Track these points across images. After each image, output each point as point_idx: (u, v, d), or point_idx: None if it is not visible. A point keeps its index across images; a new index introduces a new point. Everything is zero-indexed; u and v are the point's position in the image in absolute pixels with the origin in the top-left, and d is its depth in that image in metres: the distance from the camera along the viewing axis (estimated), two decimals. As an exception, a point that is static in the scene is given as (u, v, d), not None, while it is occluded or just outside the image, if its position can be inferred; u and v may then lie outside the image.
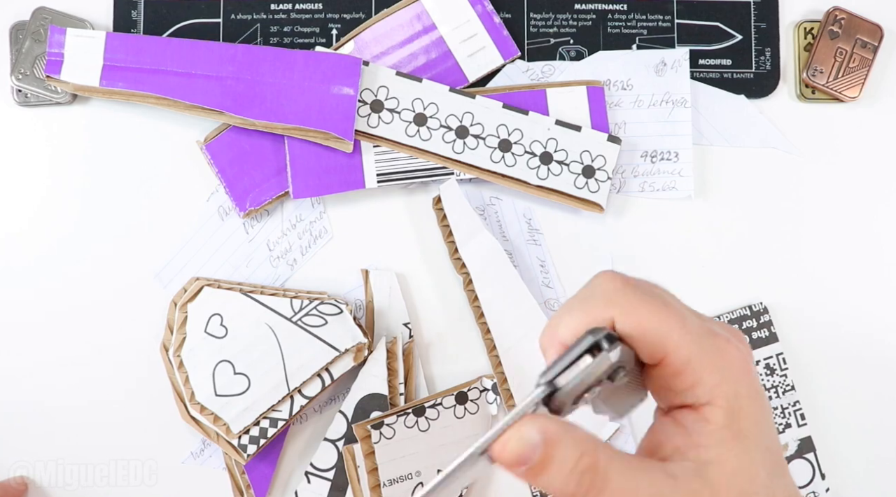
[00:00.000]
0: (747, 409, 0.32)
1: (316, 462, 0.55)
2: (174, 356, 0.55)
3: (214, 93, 0.55)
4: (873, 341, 0.59)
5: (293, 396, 0.54)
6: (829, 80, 0.59)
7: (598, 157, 0.57)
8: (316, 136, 0.56)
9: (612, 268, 0.58)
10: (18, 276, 0.57)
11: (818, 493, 0.57)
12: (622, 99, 0.59)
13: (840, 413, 0.58)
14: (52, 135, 0.58)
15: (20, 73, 0.57)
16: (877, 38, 0.59)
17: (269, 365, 0.54)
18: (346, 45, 0.58)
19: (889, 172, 0.60)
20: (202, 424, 0.54)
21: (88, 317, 0.57)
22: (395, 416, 0.54)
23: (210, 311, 0.55)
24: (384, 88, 0.57)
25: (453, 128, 0.57)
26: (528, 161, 0.57)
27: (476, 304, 0.57)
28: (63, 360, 0.57)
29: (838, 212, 0.60)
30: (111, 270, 0.57)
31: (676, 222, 0.59)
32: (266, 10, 0.59)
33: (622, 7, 0.60)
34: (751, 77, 0.60)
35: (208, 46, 0.56)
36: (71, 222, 0.57)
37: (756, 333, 0.58)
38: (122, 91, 0.56)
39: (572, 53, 0.60)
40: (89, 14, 0.58)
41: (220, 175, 0.57)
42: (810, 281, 0.59)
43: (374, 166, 0.57)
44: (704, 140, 0.59)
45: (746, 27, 0.60)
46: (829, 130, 0.60)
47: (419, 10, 0.58)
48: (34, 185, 0.58)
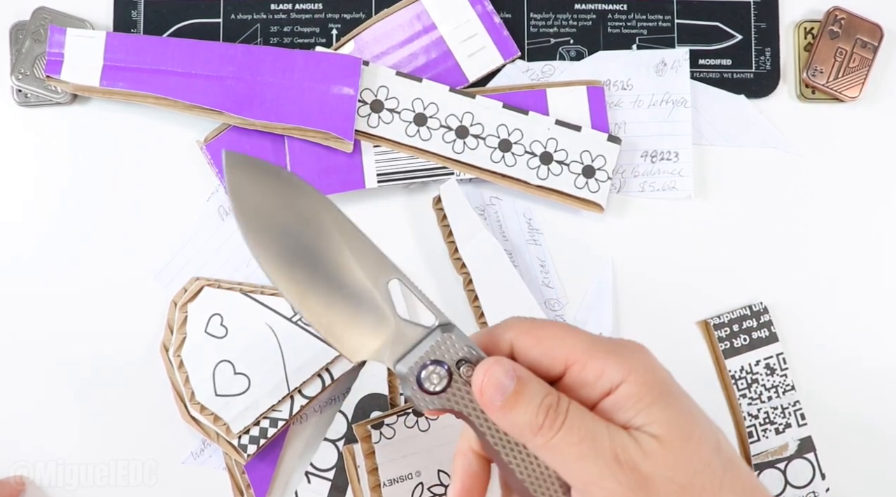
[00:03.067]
0: (659, 374, 0.36)
1: (316, 462, 0.55)
2: (174, 356, 0.55)
3: (214, 93, 0.55)
4: (873, 341, 0.59)
5: (293, 396, 0.54)
6: (829, 80, 0.59)
7: (598, 157, 0.57)
8: (316, 136, 0.56)
9: (613, 268, 0.58)
10: (18, 275, 0.57)
11: (818, 493, 0.57)
12: (622, 99, 0.59)
13: (840, 413, 0.58)
14: (53, 135, 0.58)
15: (20, 73, 0.57)
16: (877, 38, 0.59)
17: (269, 365, 0.54)
18: (346, 45, 0.58)
19: (889, 172, 0.60)
20: (202, 424, 0.54)
21: (88, 317, 0.57)
22: (395, 416, 0.54)
23: (210, 311, 0.55)
24: (384, 88, 0.57)
25: (453, 128, 0.57)
26: (528, 161, 0.57)
27: (476, 304, 0.57)
28: (63, 359, 0.57)
29: (838, 212, 0.60)
30: (111, 270, 0.57)
31: (676, 222, 0.59)
32: (266, 10, 0.59)
33: (622, 7, 0.60)
34: (751, 77, 0.60)
35: (208, 46, 0.56)
36: (70, 222, 0.57)
37: (756, 333, 0.58)
38: (122, 91, 0.56)
39: (572, 53, 0.60)
40: (89, 14, 0.58)
41: (220, 175, 0.57)
42: (810, 281, 0.59)
43: (374, 166, 0.57)
44: (704, 140, 0.59)
45: (746, 27, 0.60)
46: (829, 130, 0.60)
47: (419, 10, 0.58)
48: (34, 185, 0.58)
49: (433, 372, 0.37)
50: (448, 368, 0.37)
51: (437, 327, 0.38)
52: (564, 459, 0.34)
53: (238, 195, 0.38)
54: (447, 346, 0.37)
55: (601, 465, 0.33)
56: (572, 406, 0.35)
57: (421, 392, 0.37)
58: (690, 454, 0.34)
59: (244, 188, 0.38)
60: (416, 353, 0.37)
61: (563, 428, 0.34)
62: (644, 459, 0.33)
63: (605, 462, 0.33)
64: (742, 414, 0.57)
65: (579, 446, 0.33)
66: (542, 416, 0.34)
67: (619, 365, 0.35)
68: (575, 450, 0.34)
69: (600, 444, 0.33)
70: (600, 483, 0.33)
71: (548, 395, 0.35)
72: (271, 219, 0.38)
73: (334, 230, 0.39)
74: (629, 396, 0.35)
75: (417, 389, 0.37)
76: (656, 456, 0.33)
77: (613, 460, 0.33)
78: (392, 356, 0.38)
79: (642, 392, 0.35)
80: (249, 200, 0.38)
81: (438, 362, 0.37)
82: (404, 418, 0.54)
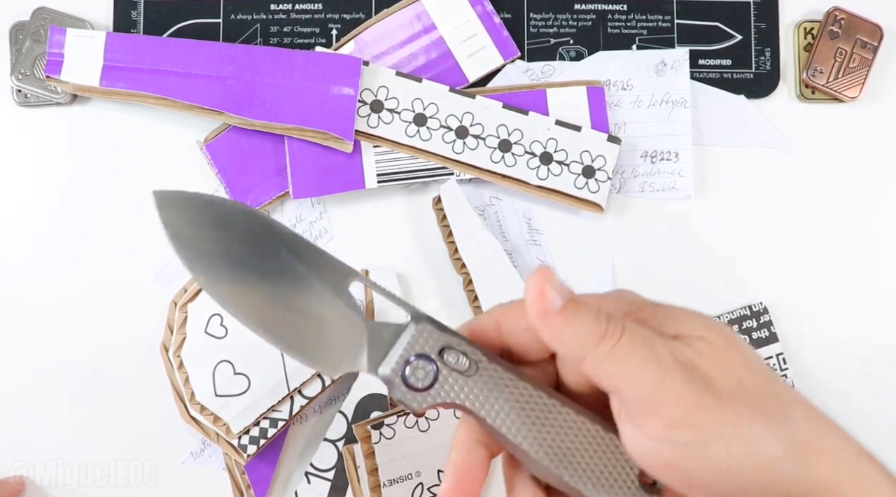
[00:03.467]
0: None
1: (316, 462, 0.55)
2: (174, 356, 0.55)
3: (214, 93, 0.55)
4: (873, 341, 0.59)
5: (293, 396, 0.54)
6: (828, 80, 0.59)
7: (598, 158, 0.57)
8: (316, 136, 0.56)
9: (612, 268, 0.58)
10: (18, 275, 0.57)
11: (818, 493, 0.57)
12: (622, 99, 0.59)
13: (840, 413, 0.58)
14: (53, 135, 0.58)
15: (20, 74, 0.57)
16: (877, 38, 0.59)
17: (268, 365, 0.54)
18: (346, 45, 0.58)
19: (889, 172, 0.60)
20: (202, 424, 0.54)
21: (88, 317, 0.57)
22: (395, 416, 0.54)
23: (210, 311, 0.55)
24: (384, 88, 0.57)
25: (453, 128, 0.57)
26: (528, 161, 0.57)
27: (476, 304, 0.57)
28: (63, 359, 0.57)
29: (838, 212, 0.60)
30: (111, 270, 0.57)
31: (676, 222, 0.59)
32: (266, 10, 0.59)
33: (622, 7, 0.60)
34: (751, 77, 0.60)
35: (208, 46, 0.56)
36: (70, 222, 0.57)
37: (756, 333, 0.58)
38: (122, 91, 0.56)
39: (572, 53, 0.60)
40: (89, 14, 0.58)
41: (220, 175, 0.57)
42: (810, 281, 0.59)
43: (374, 166, 0.57)
44: (704, 140, 0.59)
45: (746, 27, 0.60)
46: (828, 130, 0.60)
47: (419, 10, 0.58)
48: (34, 186, 0.58)
49: (417, 367, 0.35)
50: (432, 359, 0.35)
51: (409, 321, 0.36)
52: (629, 367, 0.31)
53: (177, 235, 0.37)
54: (425, 338, 0.35)
55: (665, 368, 0.31)
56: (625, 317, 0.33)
57: (411, 392, 0.35)
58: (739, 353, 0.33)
59: (181, 227, 0.37)
60: (395, 352, 0.35)
61: (625, 333, 0.32)
62: (699, 358, 0.32)
63: (668, 364, 0.31)
64: (742, 414, 0.57)
65: (642, 350, 0.32)
66: (605, 323, 0.32)
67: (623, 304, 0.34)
68: (639, 354, 0.31)
69: (658, 347, 0.32)
70: (668, 386, 0.31)
71: (599, 307, 0.32)
72: (215, 252, 0.37)
73: (281, 247, 0.37)
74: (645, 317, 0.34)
75: (406, 390, 0.35)
76: (708, 353, 0.32)
77: (674, 361, 0.31)
78: (371, 362, 0.36)
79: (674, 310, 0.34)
80: (189, 239, 0.37)
81: (421, 356, 0.35)
82: (404, 418, 0.54)
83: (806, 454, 0.31)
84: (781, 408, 0.32)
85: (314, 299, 0.37)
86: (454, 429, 0.57)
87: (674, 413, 0.31)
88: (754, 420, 0.31)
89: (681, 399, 0.31)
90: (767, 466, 0.31)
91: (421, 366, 0.35)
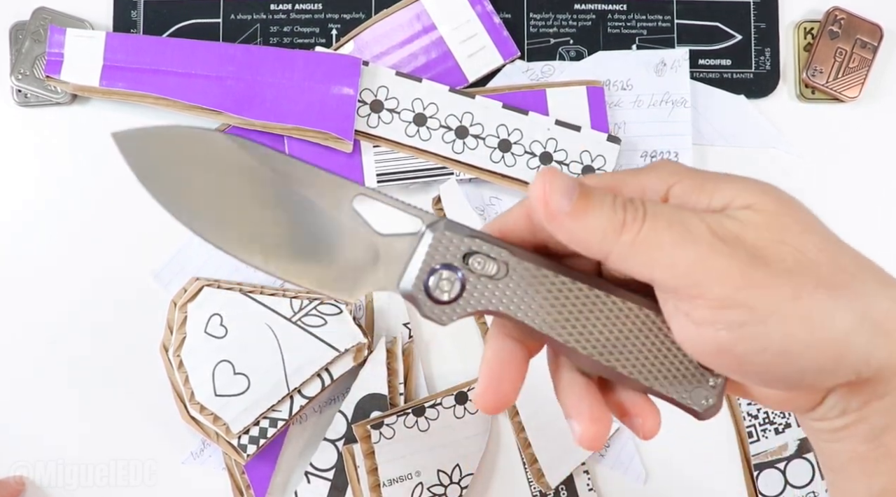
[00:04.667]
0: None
1: (316, 462, 0.55)
2: (174, 356, 0.55)
3: (214, 93, 0.55)
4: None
5: (293, 396, 0.54)
6: (828, 80, 0.59)
7: (597, 157, 0.57)
8: (315, 136, 0.56)
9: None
10: (18, 276, 0.57)
11: (818, 493, 0.57)
12: (622, 99, 0.59)
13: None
14: (53, 135, 0.58)
15: (20, 73, 0.57)
16: (876, 38, 0.59)
17: (268, 365, 0.54)
18: (346, 45, 0.58)
19: (889, 172, 0.60)
20: (202, 424, 0.54)
21: (88, 317, 0.57)
22: (395, 416, 0.54)
23: (210, 311, 0.55)
24: (384, 88, 0.57)
25: (453, 128, 0.57)
26: (528, 161, 0.57)
27: (476, 304, 0.57)
28: (63, 359, 0.57)
29: (838, 212, 0.60)
30: (111, 270, 0.57)
31: (676, 222, 0.59)
32: (266, 10, 0.59)
33: (622, 7, 0.60)
34: (750, 77, 0.60)
35: (208, 46, 0.56)
36: (70, 222, 0.57)
37: (756, 333, 0.58)
38: (122, 91, 0.56)
39: (572, 53, 0.60)
40: (89, 14, 0.58)
41: (220, 175, 0.57)
42: (810, 281, 0.59)
43: (374, 166, 0.57)
44: (704, 140, 0.59)
45: (746, 27, 0.60)
46: (828, 130, 0.60)
47: (419, 11, 0.58)
48: (34, 186, 0.58)
49: (443, 278, 0.32)
50: (456, 268, 0.32)
51: (424, 229, 0.33)
52: (660, 253, 0.29)
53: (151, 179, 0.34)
54: (445, 245, 0.32)
55: (701, 246, 0.28)
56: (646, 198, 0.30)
57: (438, 306, 0.32)
58: (795, 220, 0.30)
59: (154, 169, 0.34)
60: (415, 264, 0.32)
61: (647, 217, 0.29)
62: (744, 229, 0.29)
63: (705, 240, 0.28)
64: (742, 414, 0.57)
65: (670, 231, 0.28)
66: (622, 211, 0.29)
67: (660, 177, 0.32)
68: (667, 236, 0.28)
69: (692, 224, 0.29)
70: (708, 264, 0.28)
71: (616, 196, 0.30)
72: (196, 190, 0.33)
73: (269, 171, 0.33)
74: (690, 187, 0.31)
75: (433, 304, 0.32)
76: (757, 223, 0.29)
77: (712, 236, 0.28)
78: (391, 278, 0.33)
79: (720, 178, 0.31)
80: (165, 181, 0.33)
81: (445, 266, 0.32)
82: (404, 418, 0.54)
83: (882, 331, 0.28)
84: (851, 279, 0.29)
85: (318, 221, 0.33)
86: (454, 429, 0.57)
87: (720, 293, 0.28)
88: (818, 293, 0.28)
89: (725, 276, 0.28)
90: (835, 342, 0.28)
91: (446, 276, 0.32)
